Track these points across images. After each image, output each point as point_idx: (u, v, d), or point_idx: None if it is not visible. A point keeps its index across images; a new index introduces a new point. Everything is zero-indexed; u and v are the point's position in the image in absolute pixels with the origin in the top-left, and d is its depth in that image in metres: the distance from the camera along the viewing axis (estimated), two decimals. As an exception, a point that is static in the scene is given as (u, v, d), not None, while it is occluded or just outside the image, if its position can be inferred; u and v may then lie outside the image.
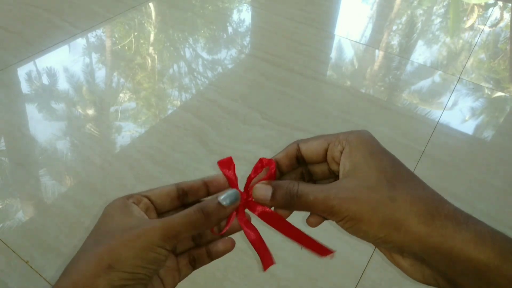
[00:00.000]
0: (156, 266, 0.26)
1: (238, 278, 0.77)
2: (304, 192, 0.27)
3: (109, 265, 0.24)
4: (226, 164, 0.31)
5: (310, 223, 0.31)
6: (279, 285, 0.77)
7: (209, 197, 0.30)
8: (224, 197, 0.28)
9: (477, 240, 0.23)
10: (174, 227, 0.26)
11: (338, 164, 0.29)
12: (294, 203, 0.27)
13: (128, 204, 0.28)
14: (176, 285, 0.30)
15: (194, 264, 0.32)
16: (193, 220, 0.27)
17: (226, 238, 0.32)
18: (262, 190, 0.28)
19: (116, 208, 0.28)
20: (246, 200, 0.30)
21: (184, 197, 0.31)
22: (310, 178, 0.32)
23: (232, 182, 0.31)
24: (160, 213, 0.31)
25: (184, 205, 0.31)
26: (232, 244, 0.33)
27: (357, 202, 0.25)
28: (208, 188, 0.32)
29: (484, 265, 0.22)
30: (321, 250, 0.30)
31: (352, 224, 0.25)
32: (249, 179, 0.31)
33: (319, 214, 0.27)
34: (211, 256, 0.32)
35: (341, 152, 0.28)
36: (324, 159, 0.30)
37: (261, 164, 0.30)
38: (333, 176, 0.31)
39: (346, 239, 0.84)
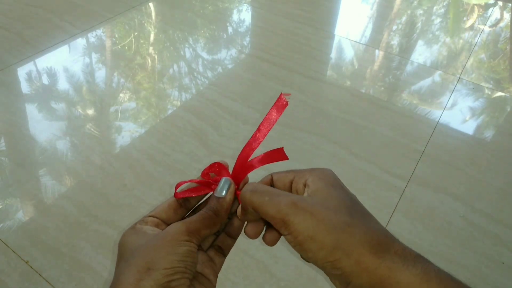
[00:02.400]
0: (191, 258, 0.26)
1: (239, 278, 0.77)
2: (261, 190, 0.27)
3: (147, 268, 0.25)
4: (210, 172, 0.33)
5: (267, 241, 0.30)
6: (279, 285, 0.77)
7: (210, 195, 0.32)
8: (219, 191, 0.31)
9: (423, 277, 0.23)
10: (194, 224, 0.28)
11: None
12: (247, 198, 0.27)
13: (138, 228, 0.29)
14: (217, 274, 0.32)
15: (223, 251, 0.33)
16: (206, 217, 0.29)
17: (234, 218, 0.33)
18: (250, 185, 0.29)
19: (129, 235, 0.29)
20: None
21: (186, 202, 0.32)
22: None
23: (221, 174, 0.33)
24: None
25: (189, 210, 0.33)
26: (240, 224, 0.34)
27: (313, 217, 0.25)
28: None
29: None
30: (279, 154, 0.33)
31: (303, 241, 0.25)
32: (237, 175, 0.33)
33: (268, 220, 0.27)
34: (232, 236, 0.34)
35: (304, 186, 0.29)
36: (290, 190, 0.31)
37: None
38: None
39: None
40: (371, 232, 0.25)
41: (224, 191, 0.31)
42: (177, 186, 0.32)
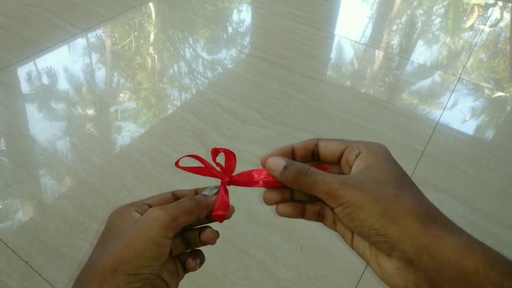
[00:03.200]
0: (159, 261, 0.27)
1: (238, 278, 0.77)
2: (314, 173, 0.28)
3: (113, 269, 0.25)
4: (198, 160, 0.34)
5: (280, 212, 0.31)
6: (279, 285, 0.77)
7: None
8: (208, 192, 0.33)
9: (468, 246, 0.24)
10: (171, 212, 0.28)
11: (351, 167, 0.30)
12: (301, 180, 0.28)
13: (130, 210, 0.30)
14: (178, 285, 0.32)
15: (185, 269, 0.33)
16: (186, 205, 0.29)
17: (213, 230, 0.33)
18: (275, 161, 0.29)
19: (118, 215, 0.29)
20: (229, 183, 0.33)
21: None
22: None
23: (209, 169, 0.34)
24: None
25: None
26: (214, 235, 0.33)
27: (362, 190, 0.26)
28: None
29: (473, 270, 0.23)
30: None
31: (351, 211, 0.26)
32: (229, 168, 0.34)
33: (319, 196, 0.28)
34: (203, 241, 0.34)
35: (357, 156, 0.29)
36: (338, 161, 0.31)
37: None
38: None
39: (346, 239, 0.84)
40: (419, 203, 0.26)
41: (211, 193, 0.32)
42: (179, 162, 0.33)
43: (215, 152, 0.34)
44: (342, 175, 0.28)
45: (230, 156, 0.34)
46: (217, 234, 0.33)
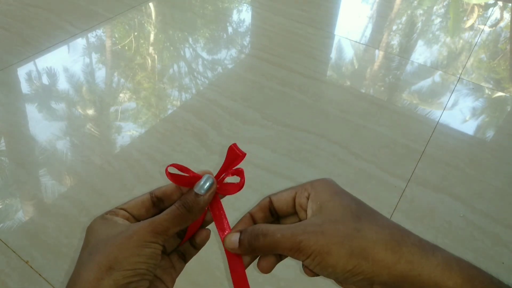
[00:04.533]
0: (154, 260, 0.26)
1: (238, 278, 0.77)
2: (270, 231, 0.27)
3: (109, 267, 0.25)
4: (180, 170, 0.31)
5: (262, 268, 0.30)
6: (279, 285, 0.77)
7: (187, 191, 0.30)
8: (200, 187, 0.29)
9: (444, 266, 0.23)
10: (161, 224, 0.27)
11: (306, 211, 0.29)
12: (259, 243, 0.27)
13: (108, 217, 0.29)
14: (174, 280, 0.31)
15: (184, 257, 0.33)
16: (177, 215, 0.28)
17: (202, 229, 0.33)
18: (230, 238, 0.29)
19: (98, 224, 0.29)
20: (218, 188, 0.31)
21: (160, 203, 0.32)
22: None
23: (196, 179, 0.31)
24: None
25: (161, 211, 0.31)
26: (207, 234, 0.33)
27: (324, 235, 0.25)
28: (181, 190, 0.32)
29: None
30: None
31: (320, 260, 0.25)
32: (222, 169, 0.32)
33: (284, 253, 0.27)
34: (197, 247, 0.33)
35: (307, 198, 0.29)
36: (293, 209, 0.31)
37: (233, 155, 0.31)
38: None
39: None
40: (382, 229, 0.25)
41: (204, 189, 0.29)
42: (169, 175, 0.30)
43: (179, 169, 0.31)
44: (299, 223, 0.27)
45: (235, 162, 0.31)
46: (209, 233, 0.32)
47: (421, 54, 1.43)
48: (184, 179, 0.30)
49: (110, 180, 0.94)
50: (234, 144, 0.32)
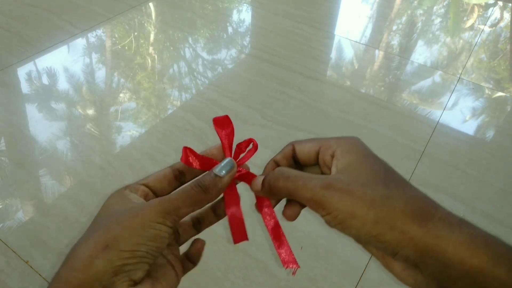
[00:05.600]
0: (158, 243, 0.25)
1: (239, 278, 0.77)
2: (292, 175, 0.26)
3: (106, 245, 0.23)
4: (222, 123, 0.31)
5: (288, 216, 0.29)
6: (279, 285, 0.77)
7: (205, 172, 0.29)
8: (220, 169, 0.28)
9: (470, 243, 0.23)
10: (172, 203, 0.25)
11: (329, 168, 0.28)
12: (279, 185, 0.26)
13: (126, 193, 0.28)
14: (185, 271, 0.30)
15: (193, 259, 0.32)
16: (191, 194, 0.26)
17: (198, 240, 0.32)
18: (256, 181, 0.28)
19: (114, 198, 0.27)
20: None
21: (182, 177, 0.31)
22: None
23: (224, 147, 0.31)
24: None
25: (182, 184, 0.31)
26: (201, 245, 0.32)
27: (351, 196, 0.24)
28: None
29: (478, 269, 0.22)
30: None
31: (343, 219, 0.24)
32: (237, 150, 0.31)
33: (303, 202, 0.26)
34: (191, 259, 0.32)
35: (332, 157, 0.28)
36: (316, 162, 0.30)
37: (244, 145, 0.31)
38: None
39: (346, 239, 0.84)
40: (411, 201, 0.24)
41: (224, 171, 0.28)
42: (185, 151, 0.29)
43: (221, 122, 0.31)
44: (325, 176, 0.26)
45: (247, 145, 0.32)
46: (204, 243, 0.31)
47: (421, 54, 1.43)
48: (202, 160, 0.29)
49: (110, 180, 0.94)
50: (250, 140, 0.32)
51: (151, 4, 1.62)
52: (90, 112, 1.13)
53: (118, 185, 1.00)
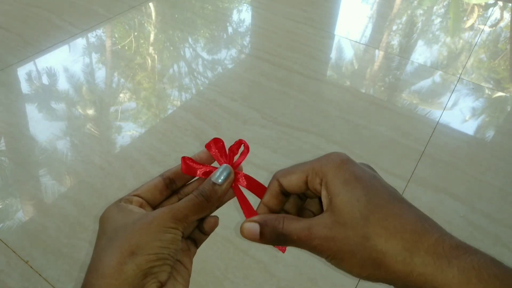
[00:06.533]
0: (175, 245, 0.27)
1: (238, 278, 0.77)
2: (288, 232, 0.27)
3: (131, 252, 0.25)
4: (212, 142, 0.33)
5: (279, 247, 0.32)
6: (279, 285, 0.77)
7: (204, 181, 0.31)
8: (217, 176, 0.30)
9: (461, 279, 0.21)
10: (181, 211, 0.27)
11: (325, 196, 0.28)
12: (280, 242, 0.28)
13: (122, 205, 0.29)
14: (192, 262, 0.32)
15: (195, 243, 0.33)
16: (196, 203, 0.28)
17: (210, 216, 0.33)
18: (251, 230, 0.28)
19: (113, 212, 0.29)
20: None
21: (172, 184, 0.32)
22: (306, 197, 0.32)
23: (216, 157, 0.32)
24: (154, 207, 0.32)
25: (175, 192, 0.33)
26: (215, 221, 0.33)
27: (335, 242, 0.25)
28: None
29: None
30: None
31: (336, 263, 0.26)
32: (230, 155, 0.32)
33: (311, 251, 0.27)
34: (206, 232, 0.33)
35: (320, 185, 0.27)
36: (307, 189, 0.29)
37: (236, 147, 0.32)
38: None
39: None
40: (393, 236, 0.23)
41: (222, 178, 0.30)
42: (185, 162, 0.31)
43: (210, 145, 0.32)
44: (314, 223, 0.26)
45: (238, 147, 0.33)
46: (217, 220, 0.33)
47: (421, 54, 1.43)
48: (199, 169, 0.31)
49: (110, 180, 0.94)
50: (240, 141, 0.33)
51: (151, 4, 1.62)
52: (90, 112, 1.13)
53: (118, 184, 1.00)
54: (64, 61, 1.30)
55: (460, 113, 1.19)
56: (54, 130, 1.06)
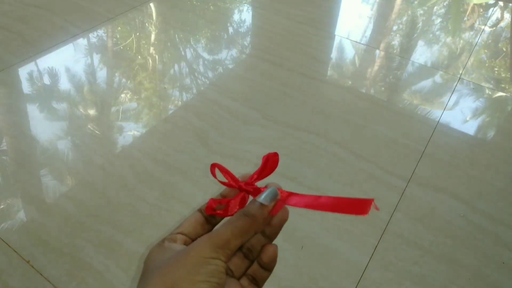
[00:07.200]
0: (217, 279, 0.24)
1: (239, 278, 0.77)
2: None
3: (171, 286, 0.23)
4: (221, 170, 0.31)
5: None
6: (279, 285, 0.77)
7: (248, 202, 0.29)
8: (264, 197, 0.28)
9: None
10: (220, 236, 0.25)
11: None
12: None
13: (166, 245, 0.28)
14: (263, 281, 0.29)
15: (256, 282, 0.30)
16: (239, 225, 0.26)
17: (267, 245, 0.30)
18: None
19: (155, 253, 0.27)
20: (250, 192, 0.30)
21: (212, 218, 0.31)
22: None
23: (235, 183, 0.31)
24: None
25: (215, 226, 0.31)
26: (274, 250, 0.30)
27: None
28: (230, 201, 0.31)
29: None
30: (361, 206, 0.27)
31: None
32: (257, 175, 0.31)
33: None
34: (265, 267, 0.30)
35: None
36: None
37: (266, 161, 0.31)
38: None
39: (346, 238, 0.84)
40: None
41: (269, 199, 0.28)
42: (210, 204, 0.30)
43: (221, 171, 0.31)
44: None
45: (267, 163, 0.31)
46: (276, 248, 0.30)
47: (422, 54, 1.43)
48: (233, 202, 0.30)
49: (111, 180, 0.94)
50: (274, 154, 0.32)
51: (152, 5, 1.62)
52: (92, 112, 1.13)
53: (119, 184, 1.00)
54: (65, 61, 1.30)
55: (460, 113, 1.19)
56: (56, 130, 1.06)
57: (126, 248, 0.81)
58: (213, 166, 0.31)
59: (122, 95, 1.20)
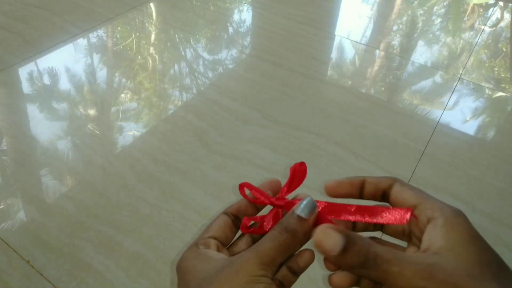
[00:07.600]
0: None
1: (239, 278, 0.77)
2: (385, 258, 0.22)
3: None
4: (250, 190, 0.30)
5: (334, 283, 0.27)
6: (279, 285, 0.77)
7: (286, 215, 0.27)
8: (302, 209, 0.26)
9: None
10: (267, 254, 0.24)
11: (420, 229, 0.25)
12: (368, 267, 0.22)
13: (201, 251, 0.27)
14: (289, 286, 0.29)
15: (283, 286, 0.29)
16: (282, 241, 0.25)
17: (303, 250, 0.29)
18: (331, 238, 0.22)
19: (192, 260, 0.26)
20: (280, 206, 0.29)
21: (237, 221, 0.30)
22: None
23: (267, 199, 0.31)
24: (228, 247, 0.30)
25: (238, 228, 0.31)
26: (311, 255, 0.29)
27: None
28: (255, 204, 0.31)
29: None
30: (399, 215, 0.25)
31: None
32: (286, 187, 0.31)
33: None
34: (296, 271, 0.29)
35: (429, 220, 0.24)
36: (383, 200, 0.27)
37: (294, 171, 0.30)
38: (403, 238, 0.28)
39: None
40: None
41: (307, 212, 0.25)
42: (244, 223, 0.29)
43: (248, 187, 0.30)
44: (426, 261, 0.21)
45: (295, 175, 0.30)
46: (313, 254, 0.29)
47: (422, 54, 1.43)
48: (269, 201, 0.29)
49: (111, 180, 0.94)
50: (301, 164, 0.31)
51: (151, 5, 1.62)
52: (92, 112, 1.14)
53: (119, 184, 1.00)
54: (65, 61, 1.30)
55: (460, 113, 1.19)
56: (56, 130, 1.06)
57: (126, 248, 0.81)
58: (241, 186, 0.30)
59: (122, 95, 1.20)
